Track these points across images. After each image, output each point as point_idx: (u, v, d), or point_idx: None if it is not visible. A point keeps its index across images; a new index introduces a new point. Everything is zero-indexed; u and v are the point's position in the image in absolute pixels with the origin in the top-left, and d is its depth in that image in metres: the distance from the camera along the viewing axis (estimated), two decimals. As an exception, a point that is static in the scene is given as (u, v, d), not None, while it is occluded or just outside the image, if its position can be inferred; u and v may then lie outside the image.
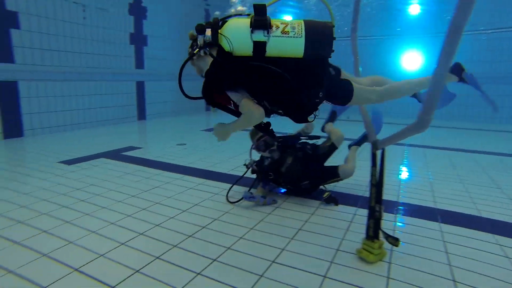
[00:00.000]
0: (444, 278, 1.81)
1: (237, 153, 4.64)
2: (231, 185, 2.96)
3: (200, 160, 4.35)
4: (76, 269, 1.83)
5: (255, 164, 2.96)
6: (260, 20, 1.73)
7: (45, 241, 2.14)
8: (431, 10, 8.90)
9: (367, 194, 3.08)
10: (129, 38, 7.84)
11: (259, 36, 1.74)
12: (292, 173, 2.94)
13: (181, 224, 2.44)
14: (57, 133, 6.29)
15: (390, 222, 2.51)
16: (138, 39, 8.10)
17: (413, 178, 3.81)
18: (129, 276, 1.78)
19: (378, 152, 1.95)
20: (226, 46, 1.76)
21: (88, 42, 6.82)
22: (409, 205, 2.91)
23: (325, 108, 2.32)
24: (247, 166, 2.96)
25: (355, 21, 2.44)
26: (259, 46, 1.75)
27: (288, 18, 2.44)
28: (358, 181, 3.49)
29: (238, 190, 3.07)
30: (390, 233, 2.30)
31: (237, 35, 1.76)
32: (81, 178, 3.47)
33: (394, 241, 1.94)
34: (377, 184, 1.93)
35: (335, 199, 2.92)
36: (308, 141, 3.22)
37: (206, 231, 2.34)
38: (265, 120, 2.00)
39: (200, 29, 1.81)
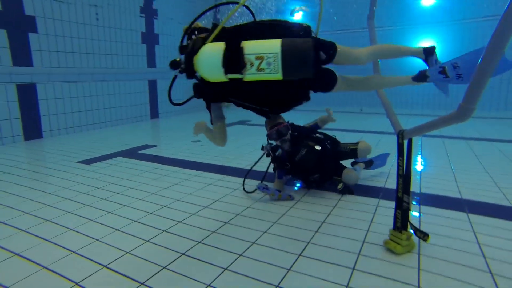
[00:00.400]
0: (481, 270, 1.75)
1: (253, 149, 4.63)
2: (247, 171, 2.98)
3: (216, 156, 4.35)
4: (105, 266, 1.85)
5: (271, 147, 2.96)
6: (231, 62, 1.65)
7: (73, 238, 2.18)
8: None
9: (388, 185, 3.07)
10: (141, 37, 7.89)
11: (233, 75, 1.69)
12: (304, 164, 2.92)
13: (204, 220, 2.44)
14: (74, 133, 6.39)
15: (415, 213, 2.46)
16: (150, 38, 8.14)
17: (434, 168, 3.72)
18: (157, 272, 1.79)
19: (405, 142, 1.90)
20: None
21: (101, 42, 6.89)
22: (433, 196, 2.85)
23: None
24: (263, 148, 2.99)
25: (372, 7, 2.37)
26: (235, 79, 1.71)
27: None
28: (378, 172, 3.44)
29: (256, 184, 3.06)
30: (416, 224, 2.27)
31: (210, 71, 1.73)
32: (101, 177, 3.51)
33: (423, 235, 1.88)
34: (404, 175, 1.88)
35: (350, 189, 2.90)
36: (329, 135, 3.20)
37: (230, 226, 2.34)
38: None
39: (174, 66, 1.85)
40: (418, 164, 3.83)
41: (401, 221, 1.92)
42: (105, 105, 7.11)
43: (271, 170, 3.06)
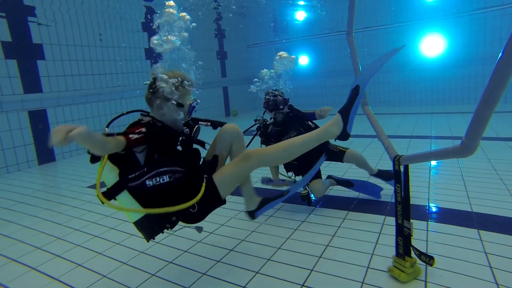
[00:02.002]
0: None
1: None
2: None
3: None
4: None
5: (264, 122, 3.04)
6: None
7: (81, 253, 2.23)
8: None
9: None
10: (145, 53, 8.01)
11: None
12: None
13: (209, 248, 2.46)
14: (84, 154, 6.53)
15: (422, 231, 2.41)
16: (153, 54, 8.24)
17: (443, 177, 3.64)
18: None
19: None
20: None
21: (105, 62, 7.03)
22: (442, 210, 2.78)
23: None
24: (256, 121, 3.06)
25: (350, 24, 2.33)
26: None
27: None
28: (383, 185, 3.39)
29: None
30: (423, 244, 2.23)
31: None
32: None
33: (428, 259, 1.85)
34: (403, 201, 1.85)
35: (310, 199, 2.97)
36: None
37: (234, 253, 2.34)
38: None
39: None
40: (429, 172, 3.75)
41: (403, 247, 1.89)
42: (113, 124, 7.23)
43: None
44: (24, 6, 5.65)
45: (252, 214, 2.08)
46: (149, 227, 1.75)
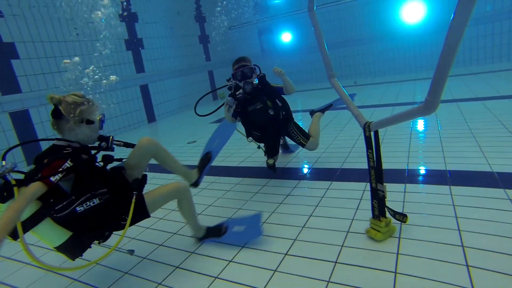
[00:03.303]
0: (454, 245, 1.83)
1: (244, 144, 4.69)
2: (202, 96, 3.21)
3: (211, 157, 4.42)
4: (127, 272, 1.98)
5: (236, 85, 3.01)
6: None
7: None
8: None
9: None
10: (125, 44, 7.88)
11: None
12: (253, 118, 3.09)
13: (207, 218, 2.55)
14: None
15: (400, 193, 2.52)
16: (134, 44, 8.12)
17: (423, 139, 3.74)
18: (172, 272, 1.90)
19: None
20: None
21: (85, 57, 6.92)
22: (419, 171, 2.89)
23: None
24: (229, 81, 3.04)
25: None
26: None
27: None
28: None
29: (225, 181, 3.14)
30: (399, 205, 2.34)
31: None
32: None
33: (402, 217, 1.97)
34: (376, 166, 1.93)
35: (274, 167, 3.16)
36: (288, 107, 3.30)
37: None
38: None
39: None
40: (410, 136, 3.84)
41: (378, 209, 1.98)
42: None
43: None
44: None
45: (195, 183, 2.47)
46: (78, 247, 1.80)
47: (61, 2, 6.28)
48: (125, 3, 7.77)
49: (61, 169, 1.58)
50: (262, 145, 3.33)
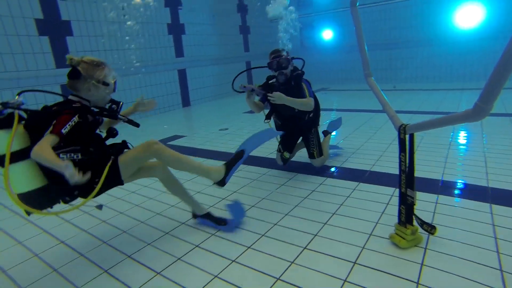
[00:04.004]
0: (490, 267, 1.71)
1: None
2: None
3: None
4: (129, 256, 2.08)
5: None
6: None
7: (105, 228, 2.44)
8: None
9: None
10: (167, 28, 8.08)
11: None
12: (280, 109, 3.10)
13: (220, 212, 2.60)
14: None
15: (431, 204, 2.42)
16: (176, 29, 8.31)
17: (464, 151, 3.55)
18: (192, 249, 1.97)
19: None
20: None
21: (130, 38, 7.18)
22: (455, 184, 2.75)
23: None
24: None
25: None
26: None
27: None
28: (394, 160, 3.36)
29: (253, 171, 3.16)
30: (429, 215, 2.24)
31: None
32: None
33: (430, 228, 1.89)
34: (407, 171, 1.86)
35: (287, 160, 3.26)
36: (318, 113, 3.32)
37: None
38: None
39: None
40: (450, 146, 3.66)
41: (405, 215, 1.92)
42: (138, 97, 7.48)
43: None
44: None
45: (222, 182, 2.22)
46: (45, 199, 1.82)
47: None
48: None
49: (71, 122, 1.72)
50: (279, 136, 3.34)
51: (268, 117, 3.20)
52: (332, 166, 3.42)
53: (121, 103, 2.08)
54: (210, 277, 1.82)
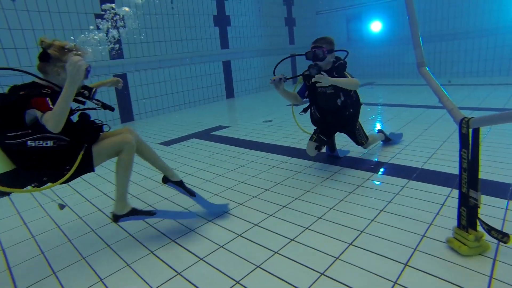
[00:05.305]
0: None
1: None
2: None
3: (285, 137, 4.42)
4: (152, 251, 2.13)
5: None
6: None
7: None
8: None
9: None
10: (213, 20, 8.18)
11: None
12: (320, 98, 3.02)
13: (261, 203, 2.58)
14: (158, 115, 7.13)
15: (500, 210, 2.17)
16: (222, 20, 8.38)
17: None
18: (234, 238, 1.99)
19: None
20: None
21: (177, 29, 7.38)
22: (524, 186, 2.47)
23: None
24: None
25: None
26: None
27: None
28: (450, 158, 3.11)
29: (296, 163, 3.07)
30: (498, 222, 2.02)
31: None
32: (176, 159, 3.90)
33: (501, 236, 1.65)
34: (470, 168, 1.69)
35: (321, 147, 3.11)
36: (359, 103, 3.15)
37: (286, 209, 2.42)
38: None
39: None
40: None
41: (467, 218, 1.75)
42: (183, 87, 7.71)
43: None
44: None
45: (117, 218, 2.09)
46: (14, 182, 1.79)
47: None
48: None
49: (46, 101, 1.66)
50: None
51: (305, 110, 3.12)
52: (379, 162, 3.25)
53: (94, 89, 1.98)
54: (253, 267, 1.80)
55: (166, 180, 2.39)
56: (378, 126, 4.70)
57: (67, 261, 2.01)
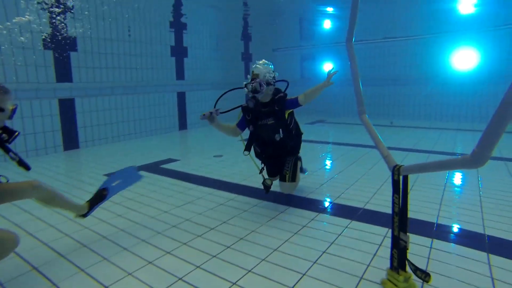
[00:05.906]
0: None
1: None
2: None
3: (234, 174, 4.42)
4: (107, 287, 1.97)
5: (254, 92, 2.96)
6: None
7: (85, 254, 2.33)
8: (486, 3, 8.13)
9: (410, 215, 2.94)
10: (170, 50, 8.23)
11: None
12: (260, 131, 3.09)
13: (207, 243, 2.50)
14: (106, 144, 6.80)
15: (425, 248, 2.35)
16: (179, 51, 8.46)
17: (459, 196, 3.51)
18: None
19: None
20: None
21: (132, 57, 7.30)
22: (450, 228, 2.69)
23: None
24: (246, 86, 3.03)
25: (351, 30, 2.28)
26: None
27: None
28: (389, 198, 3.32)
29: (243, 201, 3.08)
30: (423, 261, 2.17)
31: None
32: (120, 192, 3.68)
33: (424, 275, 1.77)
34: (400, 213, 1.81)
35: (268, 188, 3.20)
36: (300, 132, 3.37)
37: (230, 250, 2.37)
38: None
39: None
40: (445, 189, 3.63)
41: (398, 260, 1.85)
42: (135, 116, 7.50)
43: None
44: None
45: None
46: None
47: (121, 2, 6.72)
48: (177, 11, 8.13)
49: None
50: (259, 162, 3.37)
51: (248, 147, 3.15)
52: (325, 201, 3.36)
53: (17, 132, 1.92)
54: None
55: (83, 216, 2.48)
56: (328, 164, 4.91)
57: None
